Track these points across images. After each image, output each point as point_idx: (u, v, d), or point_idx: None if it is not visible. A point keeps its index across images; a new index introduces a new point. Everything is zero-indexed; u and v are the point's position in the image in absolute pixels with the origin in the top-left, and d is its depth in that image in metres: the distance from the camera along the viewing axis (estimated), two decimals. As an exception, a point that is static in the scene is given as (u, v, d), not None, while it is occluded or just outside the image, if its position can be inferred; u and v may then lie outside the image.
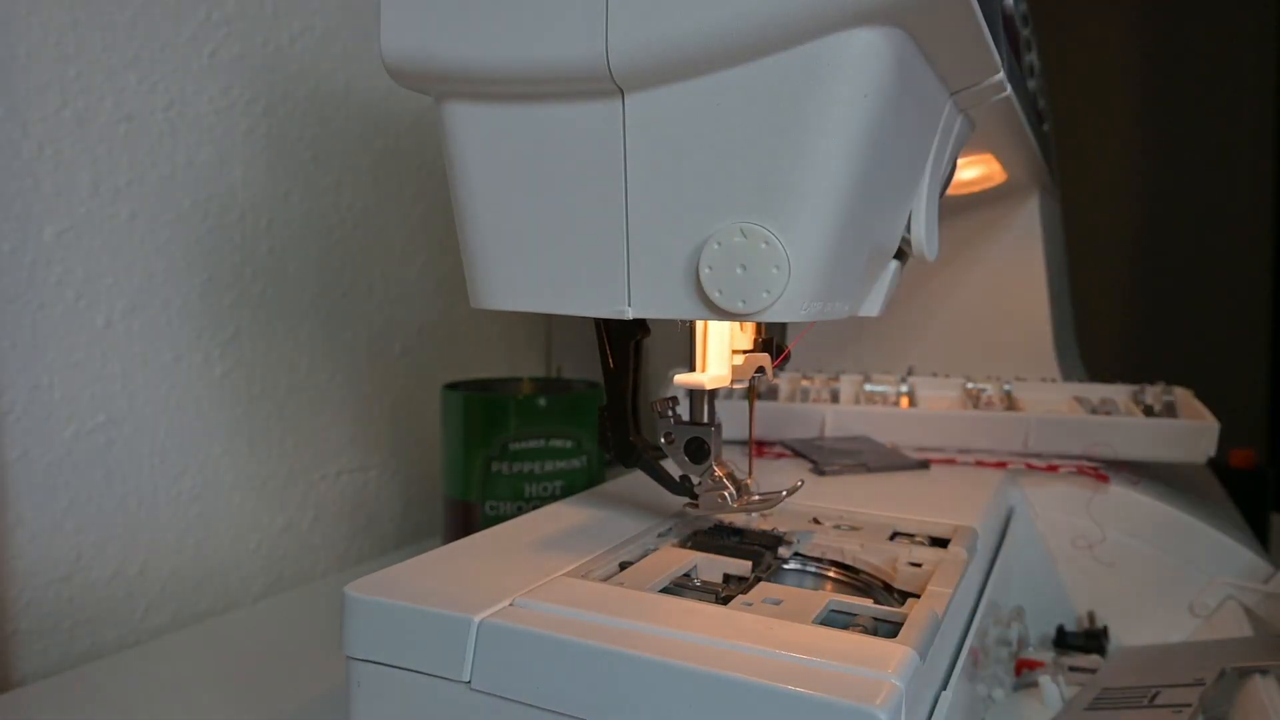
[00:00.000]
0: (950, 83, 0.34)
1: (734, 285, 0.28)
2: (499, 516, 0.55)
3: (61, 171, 0.50)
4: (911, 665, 0.26)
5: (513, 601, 0.29)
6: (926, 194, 0.35)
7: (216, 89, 0.57)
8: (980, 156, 0.55)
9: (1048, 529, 0.50)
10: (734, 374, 0.37)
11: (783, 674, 0.24)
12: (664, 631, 0.27)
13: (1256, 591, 0.47)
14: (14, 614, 0.49)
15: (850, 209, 0.28)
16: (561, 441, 0.56)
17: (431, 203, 0.74)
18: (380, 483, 0.71)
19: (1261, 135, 1.22)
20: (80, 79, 0.50)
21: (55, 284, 0.50)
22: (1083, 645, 0.46)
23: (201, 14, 0.56)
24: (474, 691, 0.28)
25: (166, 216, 0.55)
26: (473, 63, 0.29)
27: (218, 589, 0.59)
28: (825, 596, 0.32)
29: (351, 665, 0.30)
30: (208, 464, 0.58)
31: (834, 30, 0.26)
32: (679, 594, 0.33)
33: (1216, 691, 0.36)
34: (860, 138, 0.27)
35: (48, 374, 0.50)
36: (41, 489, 0.50)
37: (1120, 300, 1.29)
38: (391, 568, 0.32)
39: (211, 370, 0.58)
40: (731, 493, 0.37)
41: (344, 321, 0.67)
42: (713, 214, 0.28)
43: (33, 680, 0.49)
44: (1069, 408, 0.58)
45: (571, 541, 0.36)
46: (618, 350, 0.36)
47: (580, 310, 0.31)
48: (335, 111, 0.65)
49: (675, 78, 0.27)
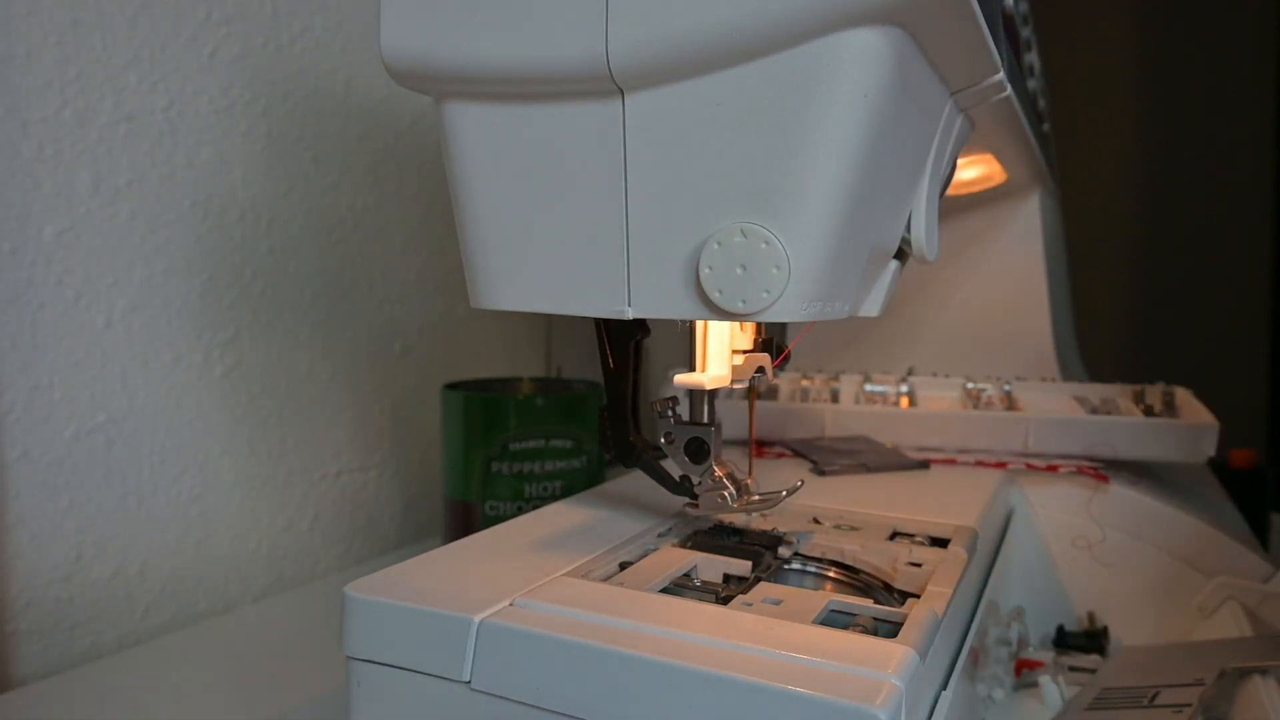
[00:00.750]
0: (950, 83, 0.34)
1: (734, 285, 0.28)
2: (499, 516, 0.55)
3: (61, 171, 0.50)
4: (911, 665, 0.26)
5: (513, 601, 0.29)
6: (926, 194, 0.35)
7: (216, 89, 0.57)
8: (980, 156, 0.55)
9: (1048, 529, 0.50)
10: (734, 374, 0.37)
11: (783, 674, 0.24)
12: (664, 631, 0.27)
13: (1256, 591, 0.47)
14: (14, 614, 0.49)
15: (850, 209, 0.28)
16: (561, 441, 0.56)
17: (431, 203, 0.74)
18: (380, 483, 0.71)
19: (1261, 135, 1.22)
20: (80, 79, 0.50)
21: (55, 284, 0.50)
22: (1083, 645, 0.46)
23: (201, 14, 0.56)
24: (474, 691, 0.28)
25: (166, 216, 0.55)
26: (473, 63, 0.29)
27: (218, 589, 0.59)
28: (825, 596, 0.32)
29: (351, 665, 0.30)
30: (208, 464, 0.58)
31: (834, 30, 0.26)
32: (679, 594, 0.33)
33: (1216, 691, 0.36)
34: (860, 138, 0.27)
35: (48, 374, 0.50)
36: (41, 489, 0.50)
37: (1120, 300, 1.29)
38: (391, 568, 0.32)
39: (211, 370, 0.58)
40: (731, 493, 0.37)
41: (344, 321, 0.67)
42: (713, 214, 0.28)
43: (33, 680, 0.49)
44: (1069, 408, 0.58)
45: (571, 541, 0.36)
46: (618, 350, 0.36)
47: (580, 310, 0.31)
48: (335, 111, 0.66)
49: (675, 78, 0.27)
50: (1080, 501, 0.50)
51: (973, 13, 0.29)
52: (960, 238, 0.67)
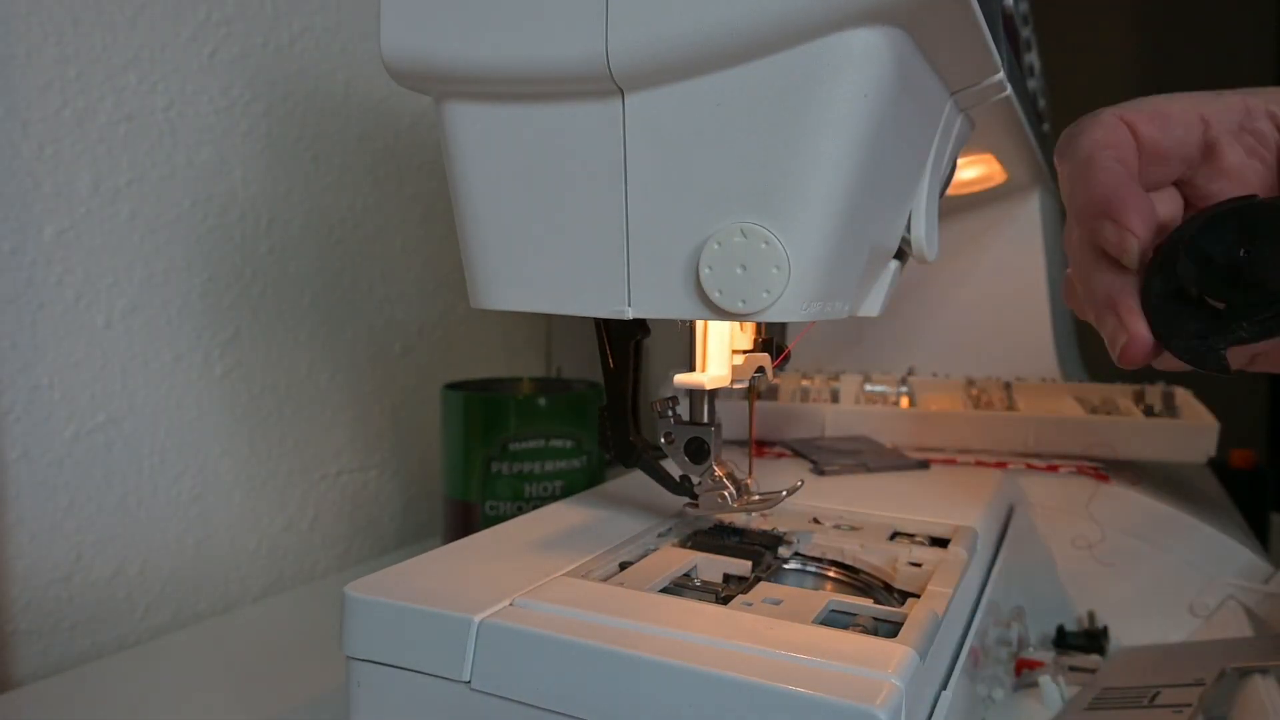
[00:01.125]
0: (950, 83, 0.34)
1: (734, 285, 0.28)
2: (499, 516, 0.55)
3: (61, 171, 0.50)
4: (911, 665, 0.26)
5: (513, 601, 0.29)
6: (926, 194, 0.35)
7: (216, 89, 0.57)
8: (980, 156, 0.55)
9: (1048, 529, 0.50)
10: (734, 374, 0.37)
11: (783, 674, 0.24)
12: (664, 631, 0.27)
13: (1256, 591, 0.47)
14: (14, 614, 0.49)
15: (850, 209, 0.28)
16: (561, 441, 0.56)
17: (431, 203, 0.74)
18: (380, 483, 0.71)
19: (1261, 135, 1.22)
20: (80, 79, 0.50)
21: (55, 284, 0.50)
22: (1083, 645, 0.46)
23: (201, 14, 0.56)
24: (474, 691, 0.28)
25: (166, 216, 0.55)
26: (473, 63, 0.29)
27: (218, 589, 0.59)
28: (825, 596, 0.32)
29: (351, 665, 0.30)
30: (208, 464, 0.58)
31: (834, 30, 0.26)
32: (679, 594, 0.33)
33: (1216, 691, 0.36)
34: (860, 138, 0.27)
35: (48, 374, 0.50)
36: (41, 489, 0.50)
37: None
38: (391, 568, 0.32)
39: (211, 370, 0.58)
40: (731, 493, 0.37)
41: (344, 321, 0.67)
42: (713, 214, 0.28)
43: (32, 680, 0.49)
44: (1069, 408, 0.58)
45: (571, 541, 0.36)
46: (618, 350, 0.36)
47: (580, 310, 0.31)
48: (335, 111, 0.66)
49: (675, 78, 0.27)
50: (1080, 501, 0.50)
51: (973, 13, 0.29)
52: (960, 238, 0.67)
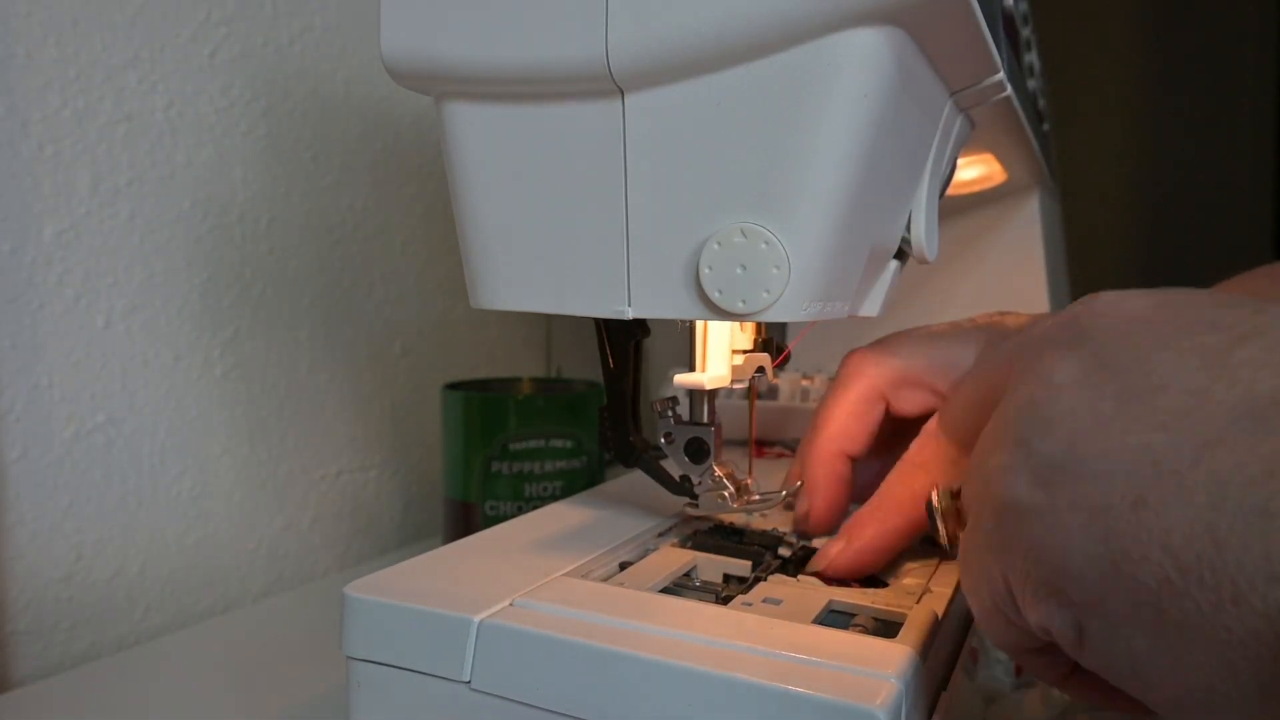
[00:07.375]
0: (950, 83, 0.34)
1: (734, 285, 0.28)
2: (499, 516, 0.55)
3: (61, 171, 0.50)
4: (911, 665, 0.26)
5: (512, 601, 0.29)
6: (926, 194, 0.35)
7: (216, 89, 0.57)
8: (980, 156, 0.55)
9: (1048, 529, 0.50)
10: (734, 374, 0.37)
11: (783, 674, 0.24)
12: (664, 631, 0.27)
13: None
14: (14, 614, 0.49)
15: (850, 209, 0.28)
16: (561, 441, 0.56)
17: (431, 203, 0.74)
18: (380, 483, 0.71)
19: (1261, 135, 1.22)
20: (80, 79, 0.50)
21: (55, 284, 0.50)
22: (1083, 645, 0.46)
23: (201, 14, 0.56)
24: (474, 691, 0.28)
25: (166, 216, 0.55)
26: (472, 63, 0.29)
27: (218, 589, 0.59)
28: (825, 596, 0.32)
29: (351, 665, 0.30)
30: (208, 464, 0.58)
31: (834, 30, 0.26)
32: (679, 594, 0.33)
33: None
34: (860, 138, 0.27)
35: (48, 374, 0.50)
36: (41, 489, 0.50)
37: (1120, 300, 1.29)
38: (391, 568, 0.32)
39: (211, 370, 0.58)
40: (731, 493, 0.37)
41: (344, 321, 0.67)
42: (713, 214, 0.28)
43: (33, 680, 0.49)
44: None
45: (571, 541, 0.36)
46: (618, 350, 0.36)
47: (580, 310, 0.31)
48: (335, 111, 0.66)
49: (675, 78, 0.27)
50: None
51: (972, 13, 0.29)
52: (960, 238, 0.67)
